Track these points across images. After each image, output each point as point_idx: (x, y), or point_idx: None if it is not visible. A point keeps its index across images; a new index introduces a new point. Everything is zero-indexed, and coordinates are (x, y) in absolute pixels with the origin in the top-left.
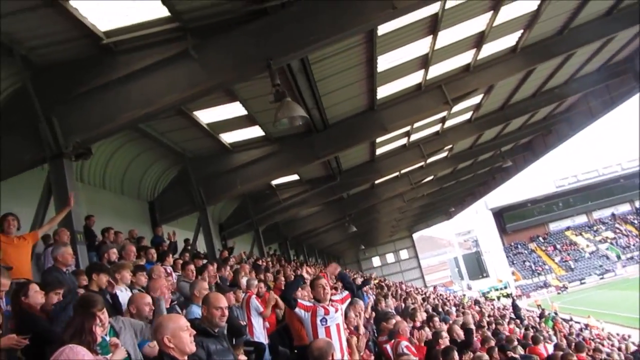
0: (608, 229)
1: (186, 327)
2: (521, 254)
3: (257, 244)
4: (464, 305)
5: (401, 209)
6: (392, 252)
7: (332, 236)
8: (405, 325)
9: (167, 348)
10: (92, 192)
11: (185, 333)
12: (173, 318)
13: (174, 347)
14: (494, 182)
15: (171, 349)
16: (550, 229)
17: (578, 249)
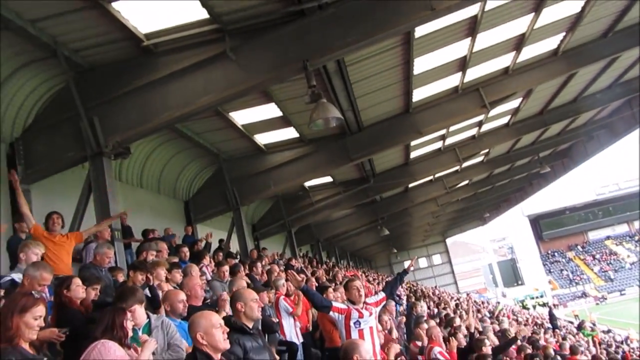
0: None
1: (219, 325)
2: (558, 263)
3: (290, 245)
4: (498, 312)
5: (435, 213)
6: (424, 256)
7: (364, 239)
8: (438, 330)
9: (200, 345)
10: (130, 191)
11: (218, 330)
12: (205, 315)
13: (207, 345)
14: (531, 189)
15: (204, 346)
16: (589, 238)
17: (618, 259)
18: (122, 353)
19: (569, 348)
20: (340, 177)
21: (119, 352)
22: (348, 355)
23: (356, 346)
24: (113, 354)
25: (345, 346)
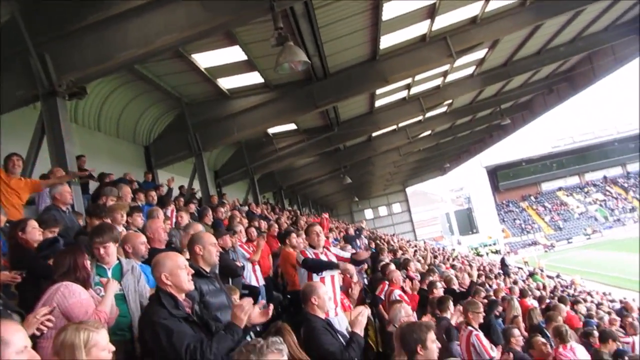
0: (599, 191)
1: (184, 266)
2: (512, 212)
3: (252, 192)
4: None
5: (396, 163)
6: (385, 205)
7: (327, 187)
8: (398, 274)
9: (164, 285)
10: (87, 134)
11: (183, 271)
12: (171, 256)
13: (172, 285)
14: (491, 140)
15: (169, 286)
16: (542, 189)
17: (568, 209)
18: (87, 295)
19: (518, 291)
20: (304, 125)
21: (84, 295)
22: (306, 297)
23: (314, 289)
24: (78, 296)
25: (304, 288)
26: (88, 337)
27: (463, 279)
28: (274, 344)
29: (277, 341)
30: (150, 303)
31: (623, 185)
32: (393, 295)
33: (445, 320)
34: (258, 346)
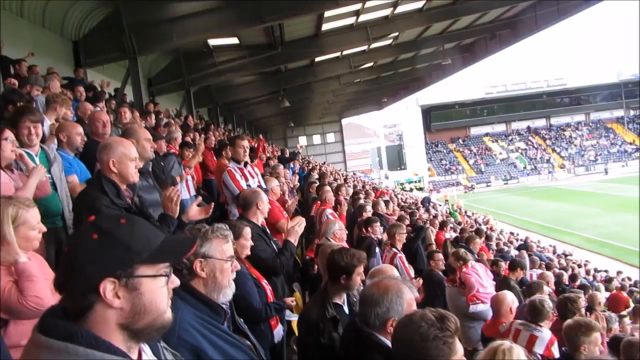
0: (522, 140)
1: (135, 158)
2: (440, 153)
3: (187, 105)
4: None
5: (335, 92)
6: (319, 134)
7: (264, 109)
8: (332, 195)
9: (109, 172)
10: (8, 19)
11: (132, 163)
12: (125, 144)
13: (117, 173)
14: (430, 79)
15: (114, 174)
16: (470, 133)
17: (491, 155)
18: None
19: (439, 223)
20: (247, 40)
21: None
22: (249, 202)
23: (257, 195)
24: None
25: (247, 194)
26: (17, 214)
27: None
28: (219, 229)
29: (222, 227)
30: (90, 188)
31: (544, 137)
32: (325, 214)
33: (369, 238)
34: (203, 230)
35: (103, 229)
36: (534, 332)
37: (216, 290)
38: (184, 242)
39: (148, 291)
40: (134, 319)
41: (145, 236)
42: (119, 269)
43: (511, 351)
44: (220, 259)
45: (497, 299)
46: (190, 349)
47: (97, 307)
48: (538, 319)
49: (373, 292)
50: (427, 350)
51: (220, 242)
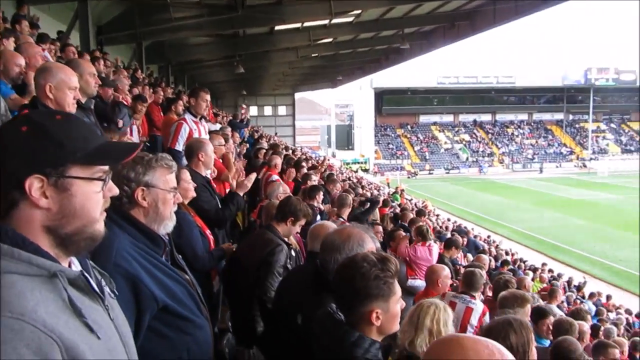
0: (467, 132)
1: (75, 88)
2: (388, 136)
3: (137, 59)
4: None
5: (292, 65)
6: (271, 105)
7: (217, 74)
8: (280, 161)
9: (45, 97)
10: None
11: (71, 92)
12: (66, 71)
13: (53, 100)
14: (386, 62)
15: (49, 100)
16: (419, 120)
17: (437, 144)
18: None
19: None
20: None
21: None
22: (192, 152)
23: (202, 145)
24: None
25: (191, 143)
26: None
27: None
28: (164, 159)
29: (167, 157)
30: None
31: (488, 131)
32: (270, 179)
33: (311, 207)
34: (146, 159)
35: (34, 122)
36: (470, 305)
37: (157, 221)
38: (125, 147)
39: (80, 194)
40: (61, 222)
41: (82, 136)
42: (48, 166)
43: (437, 307)
44: (164, 189)
45: (431, 270)
46: (126, 276)
47: (22, 205)
48: (472, 289)
49: (335, 238)
50: (368, 289)
51: (164, 172)
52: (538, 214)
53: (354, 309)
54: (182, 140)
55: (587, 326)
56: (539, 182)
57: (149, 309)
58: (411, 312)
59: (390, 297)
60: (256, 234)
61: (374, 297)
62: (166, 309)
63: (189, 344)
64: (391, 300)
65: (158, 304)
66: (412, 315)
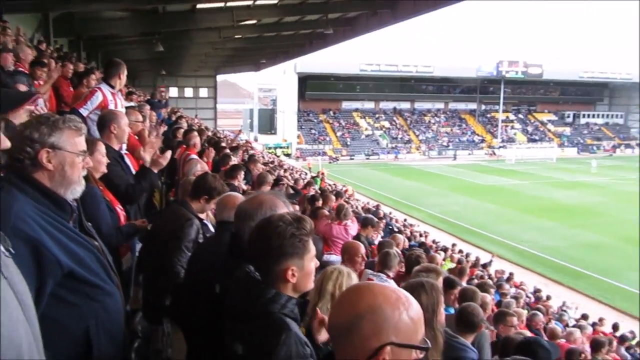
0: (387, 119)
1: None
2: (311, 122)
3: (43, 32)
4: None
5: (214, 45)
6: (192, 87)
7: (134, 52)
8: (198, 140)
9: None
10: None
11: None
12: None
13: None
14: (310, 47)
15: None
16: (342, 107)
17: (358, 130)
18: None
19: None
20: None
21: None
22: (104, 124)
23: (115, 117)
24: None
25: (103, 114)
26: None
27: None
28: (72, 120)
29: (75, 119)
30: None
31: (407, 119)
32: (189, 158)
33: (232, 186)
34: (52, 119)
35: None
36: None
37: (64, 185)
38: (16, 95)
39: None
40: None
41: None
42: None
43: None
44: (72, 151)
45: (346, 245)
46: (26, 240)
47: None
48: (387, 268)
49: (247, 207)
50: (284, 247)
51: (73, 134)
52: (451, 198)
53: (270, 268)
54: (91, 106)
55: (489, 297)
56: (452, 168)
57: (51, 275)
58: (316, 279)
59: (305, 255)
60: (169, 209)
61: (289, 255)
62: (72, 274)
63: (97, 311)
64: (306, 258)
65: (63, 269)
66: (316, 281)
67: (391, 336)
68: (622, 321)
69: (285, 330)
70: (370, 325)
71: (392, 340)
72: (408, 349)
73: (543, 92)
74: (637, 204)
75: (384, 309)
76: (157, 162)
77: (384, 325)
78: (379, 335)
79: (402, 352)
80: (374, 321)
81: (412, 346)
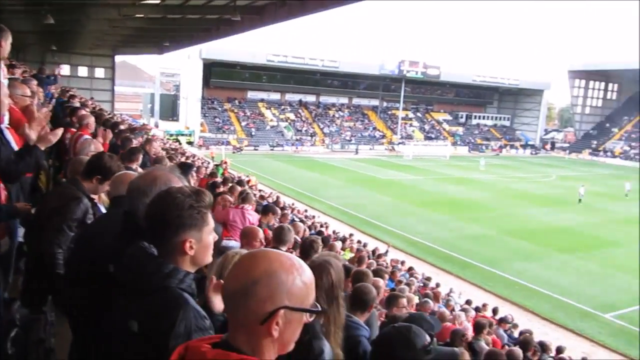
0: (292, 111)
1: None
2: (215, 110)
3: None
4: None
5: (113, 23)
6: (87, 66)
7: (20, 22)
8: (92, 120)
9: None
10: None
11: None
12: None
13: None
14: (217, 33)
15: None
16: (247, 96)
17: (263, 120)
18: None
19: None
20: None
21: None
22: None
23: None
24: None
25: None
26: None
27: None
28: None
29: None
30: None
31: (312, 112)
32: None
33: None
34: None
35: None
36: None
37: None
38: None
39: None
40: None
41: None
42: None
43: None
44: None
45: (245, 229)
46: None
47: None
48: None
49: (140, 183)
50: (182, 218)
51: None
52: (351, 191)
53: (167, 240)
54: None
55: (382, 282)
56: (354, 162)
57: None
58: (217, 263)
59: (204, 227)
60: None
61: (187, 227)
62: None
63: None
64: (204, 231)
65: None
66: (217, 265)
67: (285, 300)
68: (502, 306)
69: (184, 305)
70: (265, 289)
71: (285, 304)
72: (300, 313)
73: (440, 92)
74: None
75: (279, 274)
76: (45, 138)
77: (279, 289)
78: (273, 299)
79: (294, 315)
80: (269, 285)
81: (304, 309)
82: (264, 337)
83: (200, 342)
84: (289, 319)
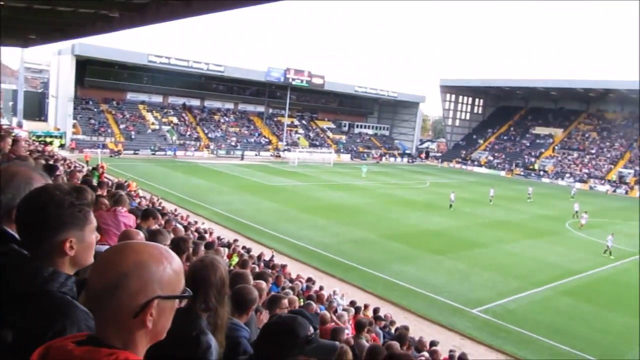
0: (175, 115)
1: None
2: (90, 111)
3: None
4: None
5: None
6: None
7: None
8: None
9: None
10: None
11: None
12: None
13: None
14: (92, 29)
15: None
16: (127, 98)
17: (144, 123)
18: None
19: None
20: None
21: None
22: None
23: None
24: None
25: None
26: None
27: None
28: None
29: None
30: None
31: (196, 116)
32: None
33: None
34: None
35: None
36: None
37: None
38: None
39: None
40: None
41: None
42: None
43: None
44: None
45: (123, 233)
46: None
47: None
48: None
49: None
50: (62, 217)
51: None
52: (237, 197)
53: (45, 240)
54: None
55: (264, 284)
56: (239, 168)
57: None
58: None
59: (86, 226)
60: None
61: (68, 226)
62: None
63: None
64: (87, 229)
65: None
66: None
67: (157, 290)
68: (383, 306)
69: (71, 307)
70: (137, 281)
71: (158, 294)
72: (172, 300)
73: (324, 101)
74: (396, 205)
75: (150, 265)
76: None
77: (150, 280)
78: (145, 290)
79: (167, 304)
80: (140, 277)
81: (176, 296)
82: (137, 330)
83: (64, 341)
84: (162, 308)
